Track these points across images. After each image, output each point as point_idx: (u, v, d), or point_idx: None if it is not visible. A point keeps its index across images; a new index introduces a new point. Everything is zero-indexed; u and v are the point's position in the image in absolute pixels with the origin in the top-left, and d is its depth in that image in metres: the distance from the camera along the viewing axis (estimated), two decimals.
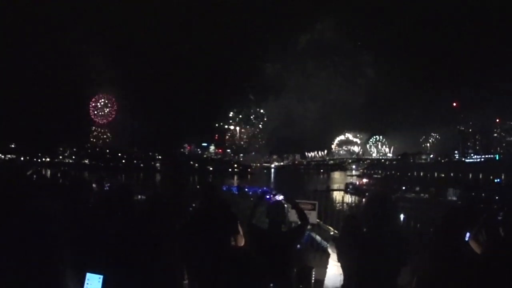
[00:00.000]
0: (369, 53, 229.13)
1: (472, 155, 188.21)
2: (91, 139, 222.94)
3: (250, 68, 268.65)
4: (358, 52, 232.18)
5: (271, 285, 5.11)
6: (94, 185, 8.04)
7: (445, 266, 4.53)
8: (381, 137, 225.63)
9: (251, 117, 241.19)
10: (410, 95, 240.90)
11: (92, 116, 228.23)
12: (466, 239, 4.50)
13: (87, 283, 3.83)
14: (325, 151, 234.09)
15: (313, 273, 7.08)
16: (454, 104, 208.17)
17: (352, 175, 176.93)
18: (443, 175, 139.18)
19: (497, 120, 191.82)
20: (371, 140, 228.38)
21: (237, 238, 5.88)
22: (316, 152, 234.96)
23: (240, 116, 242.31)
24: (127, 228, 4.73)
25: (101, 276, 3.86)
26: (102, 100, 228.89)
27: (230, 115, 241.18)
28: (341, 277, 5.04)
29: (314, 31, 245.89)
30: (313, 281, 7.05)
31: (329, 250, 7.90)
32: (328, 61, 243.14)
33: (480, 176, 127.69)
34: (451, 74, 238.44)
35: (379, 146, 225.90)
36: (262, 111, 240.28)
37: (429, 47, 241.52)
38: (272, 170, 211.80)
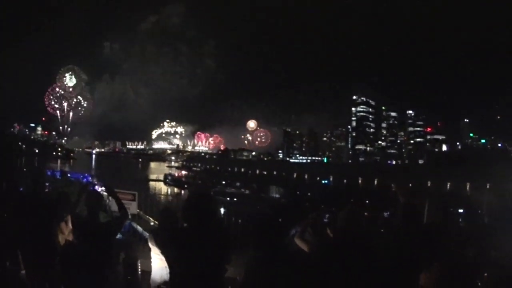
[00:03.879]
0: (211, 45, 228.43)
1: (297, 156, 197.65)
2: None
3: (86, 46, 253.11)
4: (201, 42, 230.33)
5: (99, 275, 5.81)
6: None
7: (269, 261, 4.63)
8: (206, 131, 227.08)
9: (79, 98, 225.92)
10: (242, 93, 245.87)
11: None
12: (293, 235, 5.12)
13: None
14: (146, 141, 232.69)
15: (139, 264, 7.70)
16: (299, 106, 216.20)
17: (171, 167, 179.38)
18: (265, 173, 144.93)
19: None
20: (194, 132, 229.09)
21: (62, 226, 6.60)
22: (137, 141, 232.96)
23: (67, 97, 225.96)
24: None
25: None
26: None
27: (58, 95, 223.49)
28: (167, 270, 5.42)
29: (161, 14, 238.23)
30: (139, 272, 7.71)
31: (149, 243, 7.48)
32: (169, 48, 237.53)
33: (306, 177, 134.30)
34: (287, 76, 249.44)
35: (203, 140, 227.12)
36: (89, 93, 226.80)
37: (270, 47, 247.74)
38: (93, 156, 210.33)
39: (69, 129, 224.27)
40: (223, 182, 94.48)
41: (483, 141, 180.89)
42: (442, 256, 4.69)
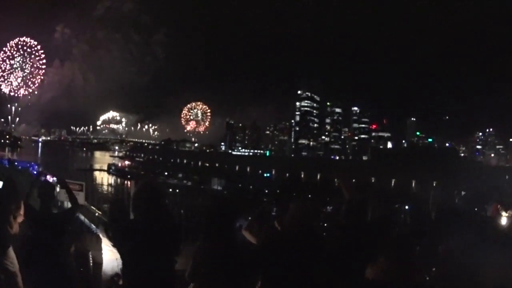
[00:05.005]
0: (161, 33, 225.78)
1: (240, 148, 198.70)
2: None
3: (37, 30, 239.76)
4: (151, 31, 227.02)
5: (56, 266, 5.86)
6: None
7: (217, 252, 4.71)
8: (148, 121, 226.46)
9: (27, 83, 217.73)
10: (188, 84, 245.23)
11: None
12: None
13: None
14: (91, 129, 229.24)
15: (90, 256, 7.81)
16: (228, 97, 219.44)
17: (115, 156, 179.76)
18: (207, 164, 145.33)
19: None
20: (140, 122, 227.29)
21: (16, 216, 6.58)
22: (82, 129, 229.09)
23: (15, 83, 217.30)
24: None
25: None
26: None
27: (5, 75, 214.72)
28: (118, 262, 5.53)
29: (113, 0, 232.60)
30: (91, 264, 7.79)
31: (100, 234, 8.12)
32: (120, 35, 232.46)
33: (248, 169, 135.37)
34: (233, 68, 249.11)
35: (146, 129, 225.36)
36: (38, 78, 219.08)
37: (218, 39, 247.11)
38: (39, 144, 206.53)
39: (17, 118, 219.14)
40: (166, 173, 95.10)
41: (430, 139, 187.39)
42: (388, 250, 4.83)
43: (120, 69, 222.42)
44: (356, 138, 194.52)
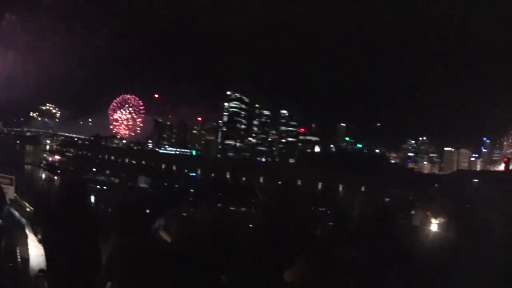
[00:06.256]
0: (106, 27, 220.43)
1: (166, 147, 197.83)
2: None
3: None
4: (100, 23, 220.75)
5: None
6: None
7: (132, 249, 4.76)
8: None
9: None
10: (119, 80, 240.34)
11: None
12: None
13: None
14: (25, 122, 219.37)
15: (18, 251, 7.55)
16: (156, 95, 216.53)
17: (46, 150, 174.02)
18: (134, 162, 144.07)
19: (199, 119, 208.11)
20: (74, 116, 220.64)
21: None
22: (17, 121, 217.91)
23: None
24: None
25: None
26: None
27: None
28: (44, 258, 5.52)
29: None
30: (19, 259, 7.49)
31: (27, 230, 8.27)
32: (67, 25, 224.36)
33: (174, 168, 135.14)
34: (165, 66, 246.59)
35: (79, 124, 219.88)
36: None
37: (152, 36, 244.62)
38: None
39: None
40: (94, 170, 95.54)
41: (359, 145, 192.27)
42: (307, 254, 4.54)
43: (60, 61, 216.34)
44: (284, 141, 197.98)
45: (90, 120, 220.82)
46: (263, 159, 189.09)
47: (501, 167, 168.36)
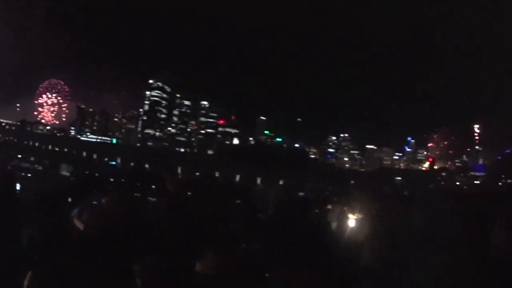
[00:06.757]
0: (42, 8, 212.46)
1: (88, 134, 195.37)
2: None
3: None
4: (29, 5, 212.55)
5: None
6: None
7: (47, 236, 5.10)
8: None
9: None
10: (46, 64, 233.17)
11: None
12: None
13: None
14: None
15: None
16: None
17: None
18: (57, 149, 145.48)
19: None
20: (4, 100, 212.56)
21: None
22: None
23: None
24: None
25: None
26: None
27: None
28: None
29: None
30: None
31: None
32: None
33: (95, 156, 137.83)
34: (89, 50, 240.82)
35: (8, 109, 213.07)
36: None
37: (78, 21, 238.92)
38: None
39: None
40: (19, 156, 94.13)
41: (279, 139, 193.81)
42: (216, 246, 4.59)
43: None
44: (203, 132, 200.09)
45: (18, 105, 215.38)
46: (182, 150, 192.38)
47: (426, 165, 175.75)
